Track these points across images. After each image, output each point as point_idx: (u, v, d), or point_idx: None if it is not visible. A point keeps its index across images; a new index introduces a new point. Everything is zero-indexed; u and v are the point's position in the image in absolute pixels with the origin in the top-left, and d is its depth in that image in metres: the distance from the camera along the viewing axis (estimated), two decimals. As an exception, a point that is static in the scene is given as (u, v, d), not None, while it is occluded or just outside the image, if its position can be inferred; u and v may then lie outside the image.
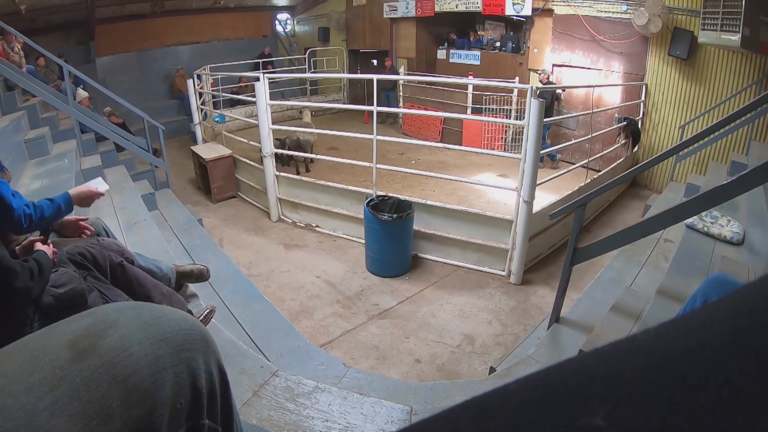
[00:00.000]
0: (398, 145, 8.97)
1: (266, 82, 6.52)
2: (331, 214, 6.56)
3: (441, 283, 5.43)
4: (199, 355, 0.69)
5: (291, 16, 17.75)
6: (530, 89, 5.01)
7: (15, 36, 7.72)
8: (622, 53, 8.79)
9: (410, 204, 5.54)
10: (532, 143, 4.96)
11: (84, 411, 0.58)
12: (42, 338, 0.70)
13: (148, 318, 0.70)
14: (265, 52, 16.08)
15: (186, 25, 15.49)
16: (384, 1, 13.49)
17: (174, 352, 0.66)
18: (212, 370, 0.71)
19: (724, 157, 7.35)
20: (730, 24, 6.32)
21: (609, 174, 7.12)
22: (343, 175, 7.49)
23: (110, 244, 2.57)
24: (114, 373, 0.61)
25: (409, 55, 13.57)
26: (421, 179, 7.85)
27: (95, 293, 2.17)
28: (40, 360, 0.62)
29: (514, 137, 9.65)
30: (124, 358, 0.62)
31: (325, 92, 15.76)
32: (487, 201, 7.22)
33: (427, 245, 5.91)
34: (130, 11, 13.91)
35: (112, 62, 14.04)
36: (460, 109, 10.68)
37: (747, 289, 0.28)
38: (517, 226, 5.26)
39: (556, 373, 0.28)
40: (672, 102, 8.28)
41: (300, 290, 5.24)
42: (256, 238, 6.66)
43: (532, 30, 10.42)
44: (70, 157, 5.76)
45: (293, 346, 3.74)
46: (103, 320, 0.67)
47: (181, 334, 0.69)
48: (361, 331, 4.51)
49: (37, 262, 1.94)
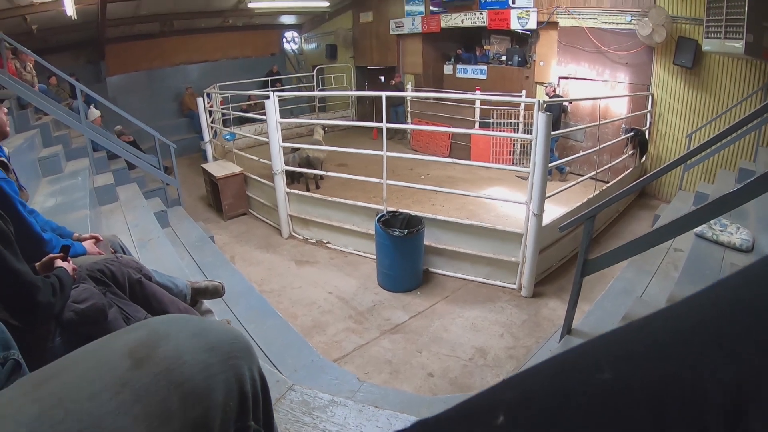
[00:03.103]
0: (407, 161, 9.02)
1: (276, 101, 6.60)
2: (342, 230, 6.60)
3: (452, 297, 5.45)
4: (243, 363, 0.75)
5: (298, 33, 17.98)
6: (537, 103, 5.04)
7: (27, 55, 7.88)
8: (628, 64, 8.82)
9: (421, 219, 5.58)
10: (540, 157, 5.00)
11: (147, 412, 0.64)
12: (99, 349, 0.76)
13: (196, 329, 0.76)
14: (273, 70, 16.27)
15: (195, 44, 15.72)
16: (390, 18, 13.68)
17: (222, 360, 0.72)
18: (255, 376, 0.77)
19: (732, 164, 7.33)
20: (733, 31, 6.35)
21: (617, 185, 7.13)
22: (353, 191, 7.55)
23: (128, 261, 2.63)
24: (171, 378, 0.67)
25: (416, 70, 13.68)
26: (430, 194, 7.89)
27: (115, 309, 2.22)
28: (101, 369, 0.68)
29: (522, 150, 9.68)
30: (178, 366, 0.68)
31: (334, 109, 15.88)
32: (497, 215, 7.26)
33: (438, 260, 5.93)
34: (139, 31, 14.15)
35: (122, 81, 14.28)
36: (468, 123, 10.72)
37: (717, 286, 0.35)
38: (527, 240, 5.28)
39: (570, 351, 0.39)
40: (678, 111, 8.30)
41: (312, 306, 5.28)
42: (268, 254, 6.71)
43: (538, 43, 10.51)
44: (83, 175, 5.82)
45: (307, 361, 3.77)
46: (156, 332, 0.73)
47: (227, 344, 0.75)
48: (374, 345, 4.53)
49: (59, 279, 1.98)
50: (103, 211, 5.76)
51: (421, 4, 12.69)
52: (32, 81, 8.13)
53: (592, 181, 6.87)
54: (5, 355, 1.20)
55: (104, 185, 6.26)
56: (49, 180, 5.70)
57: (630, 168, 8.31)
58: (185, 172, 10.52)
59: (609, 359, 0.36)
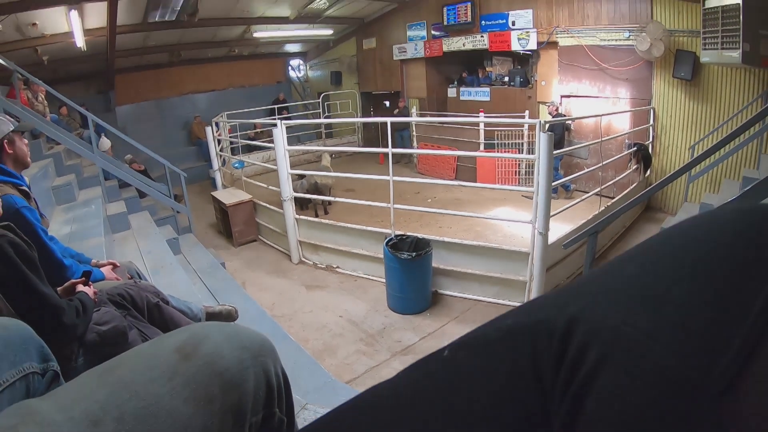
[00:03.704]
0: (414, 185, 9.12)
1: (284, 129, 6.73)
2: (351, 254, 6.68)
3: (461, 318, 5.50)
4: (269, 360, 0.90)
5: (303, 61, 18.25)
6: (539, 123, 5.12)
7: (39, 86, 8.08)
8: (628, 79, 8.92)
9: (428, 242, 5.65)
10: (544, 176, 5.06)
11: (194, 395, 0.78)
12: (151, 347, 0.92)
13: (231, 332, 0.91)
14: (279, 97, 16.47)
15: (202, 73, 15.98)
16: (393, 44, 13.90)
17: (252, 356, 0.87)
18: (279, 372, 0.93)
19: (736, 173, 7.36)
20: (730, 41, 6.41)
21: (622, 200, 7.17)
22: (361, 216, 7.63)
23: (147, 286, 2.75)
24: (213, 370, 0.82)
25: (420, 95, 13.84)
26: (437, 217, 7.96)
27: (135, 331, 2.33)
28: (156, 361, 0.83)
29: (527, 170, 9.75)
30: (218, 359, 0.83)
31: (340, 135, 16.06)
32: (504, 235, 7.32)
33: (446, 281, 5.99)
34: (148, 61, 14.43)
35: (131, 111, 14.52)
36: (472, 145, 10.84)
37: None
38: (533, 258, 5.33)
39: (541, 296, 0.56)
40: (680, 124, 8.37)
41: (323, 329, 5.34)
42: (278, 279, 6.79)
43: (539, 63, 10.61)
44: (96, 203, 5.92)
45: (320, 383, 3.83)
46: (198, 334, 0.89)
47: (257, 344, 0.90)
48: (385, 367, 4.59)
49: (81, 302, 2.08)
50: (116, 238, 5.87)
51: (423, 29, 12.91)
52: (44, 111, 8.31)
53: (597, 197, 6.93)
54: (45, 366, 1.31)
55: (117, 213, 6.38)
56: (63, 208, 5.81)
57: (635, 182, 8.35)
58: (195, 199, 10.61)
59: (512, 313, 0.56)
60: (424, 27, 12.83)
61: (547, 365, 0.47)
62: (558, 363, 0.46)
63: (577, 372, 0.44)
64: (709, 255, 0.45)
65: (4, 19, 8.13)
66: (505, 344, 0.52)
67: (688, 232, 0.50)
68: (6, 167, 2.63)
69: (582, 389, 0.43)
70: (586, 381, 0.43)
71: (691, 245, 0.48)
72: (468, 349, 0.57)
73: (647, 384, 0.40)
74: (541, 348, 0.48)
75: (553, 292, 0.55)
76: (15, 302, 1.76)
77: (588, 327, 0.45)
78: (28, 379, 1.22)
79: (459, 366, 0.56)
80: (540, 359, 0.48)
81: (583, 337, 0.45)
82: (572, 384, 0.44)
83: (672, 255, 0.48)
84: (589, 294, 0.50)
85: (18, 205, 2.42)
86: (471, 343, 0.58)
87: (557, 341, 0.47)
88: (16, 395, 1.17)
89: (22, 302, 1.78)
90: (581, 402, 0.43)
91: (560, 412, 0.44)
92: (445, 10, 11.80)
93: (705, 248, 0.46)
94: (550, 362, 0.46)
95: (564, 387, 0.45)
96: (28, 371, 1.23)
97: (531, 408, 0.47)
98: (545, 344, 0.48)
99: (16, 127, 2.75)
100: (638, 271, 0.49)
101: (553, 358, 0.46)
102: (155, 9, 10.39)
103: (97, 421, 0.73)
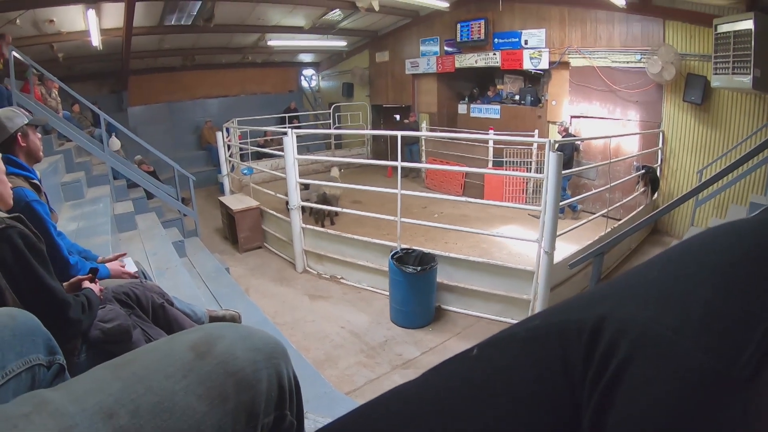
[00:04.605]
0: (421, 199, 9.11)
1: (294, 137, 6.75)
2: (356, 266, 6.66)
3: (464, 334, 5.48)
4: (282, 363, 0.90)
5: (316, 71, 18.35)
6: (548, 143, 5.13)
7: (53, 82, 8.14)
8: (638, 102, 8.93)
9: (434, 257, 5.64)
10: (552, 195, 5.06)
11: (208, 394, 0.78)
12: (166, 344, 0.92)
13: (245, 333, 0.91)
14: (291, 106, 16.50)
15: (215, 78, 16.08)
16: (406, 58, 13.97)
17: (265, 358, 0.87)
18: (290, 375, 0.92)
19: (744, 199, 7.31)
20: (741, 66, 6.43)
21: (629, 222, 7.14)
22: (368, 228, 7.64)
23: (152, 286, 2.76)
24: (227, 369, 0.82)
25: (430, 110, 13.90)
26: (443, 232, 7.91)
27: (138, 330, 2.32)
28: (171, 358, 0.83)
29: (535, 189, 9.74)
30: (233, 359, 0.83)
31: (350, 146, 16.10)
32: (509, 253, 7.30)
33: (450, 297, 5.96)
34: (162, 64, 14.59)
35: (143, 112, 14.56)
36: (481, 162, 10.83)
37: None
38: (538, 277, 5.31)
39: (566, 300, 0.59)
40: (689, 148, 8.35)
41: (325, 340, 5.32)
42: (282, 288, 6.78)
43: (550, 83, 10.66)
44: (104, 201, 5.95)
45: (319, 392, 3.80)
46: (212, 333, 0.89)
47: (269, 347, 0.90)
48: (385, 380, 4.56)
49: (87, 298, 2.08)
50: (122, 237, 5.89)
51: (436, 45, 12.98)
52: (57, 107, 8.33)
53: (604, 218, 6.91)
54: (51, 359, 1.30)
55: (124, 213, 6.43)
56: (71, 204, 5.84)
57: (642, 205, 8.34)
58: (202, 204, 10.68)
59: (540, 314, 0.60)
60: (437, 42, 12.90)
61: (576, 362, 0.50)
62: (588, 359, 0.49)
63: (607, 367, 0.47)
64: (732, 261, 0.49)
65: (22, 14, 8.23)
66: (535, 343, 0.55)
67: (710, 241, 0.53)
68: (18, 160, 2.65)
69: (612, 383, 0.46)
70: (615, 375, 0.46)
71: (714, 252, 0.51)
72: (497, 348, 0.60)
73: (675, 376, 0.43)
74: (570, 346, 0.51)
75: (577, 296, 0.58)
76: (22, 294, 1.76)
77: (617, 325, 0.49)
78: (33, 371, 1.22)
79: (488, 364, 0.59)
80: (570, 356, 0.51)
81: (613, 335, 0.48)
82: (602, 378, 0.47)
83: (696, 261, 0.52)
84: (615, 296, 0.54)
85: (29, 198, 2.43)
86: (500, 343, 0.61)
87: (587, 339, 0.50)
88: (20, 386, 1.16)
89: (28, 294, 1.77)
90: (611, 395, 0.46)
91: (590, 406, 0.48)
92: (459, 26, 11.87)
93: (728, 255, 0.50)
94: (579, 359, 0.50)
95: (594, 381, 0.48)
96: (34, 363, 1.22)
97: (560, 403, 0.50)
98: (575, 342, 0.51)
99: (30, 120, 2.77)
100: (663, 275, 0.53)
101: (583, 354, 0.50)
102: (172, 12, 10.52)
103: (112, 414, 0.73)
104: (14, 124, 2.64)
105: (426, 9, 12.33)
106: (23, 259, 1.77)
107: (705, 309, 0.46)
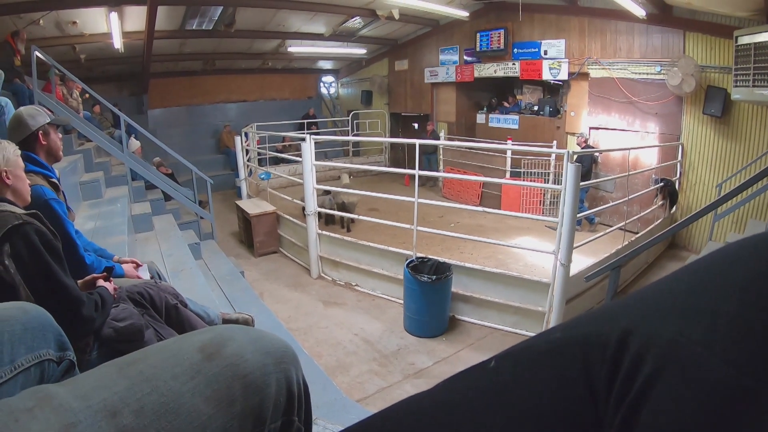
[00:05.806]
0: (438, 208, 9.09)
1: (312, 144, 6.78)
2: (371, 273, 6.65)
3: (477, 345, 5.43)
4: (292, 368, 0.88)
5: (335, 79, 18.47)
6: (567, 154, 5.08)
7: (74, 83, 8.25)
8: (658, 114, 8.85)
9: (449, 266, 5.61)
10: (569, 207, 5.01)
11: (215, 396, 0.77)
12: (175, 344, 0.90)
13: (255, 336, 0.90)
14: (309, 113, 16.58)
15: (235, 83, 16.28)
16: (425, 67, 14.01)
17: (275, 362, 0.85)
18: (300, 380, 0.90)
19: (763, 214, 7.21)
20: (762, 79, 6.35)
21: (646, 236, 7.05)
22: (384, 236, 7.62)
23: (166, 287, 2.76)
24: (236, 371, 0.80)
25: (449, 119, 13.91)
26: (460, 242, 7.88)
27: (151, 330, 2.33)
28: (179, 358, 0.82)
29: (552, 201, 9.69)
30: (242, 362, 0.82)
31: (367, 154, 16.14)
32: (525, 264, 7.25)
33: (465, 307, 5.92)
34: (182, 68, 14.81)
35: (163, 115, 14.82)
36: (499, 173, 10.81)
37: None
38: (554, 289, 5.25)
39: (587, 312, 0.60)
40: (709, 161, 8.25)
41: (337, 346, 5.31)
42: (296, 293, 6.78)
43: (569, 94, 10.64)
44: (122, 202, 5.99)
45: (330, 399, 3.79)
46: (222, 335, 0.88)
47: (280, 351, 0.88)
48: (397, 389, 4.53)
49: (101, 296, 2.10)
50: (139, 238, 5.94)
51: (455, 54, 13.00)
52: (78, 108, 8.46)
53: (621, 231, 6.84)
54: (62, 355, 1.30)
55: (141, 214, 6.45)
56: (89, 204, 5.88)
57: (660, 219, 8.24)
58: (219, 207, 10.75)
59: (560, 327, 0.58)
60: (457, 51, 12.92)
61: (600, 376, 0.49)
62: (612, 374, 0.48)
63: (633, 383, 0.46)
64: (758, 274, 0.47)
65: (45, 14, 8.37)
66: (555, 356, 0.55)
67: (735, 254, 0.52)
68: (38, 158, 2.68)
69: (638, 400, 0.45)
70: (642, 392, 0.45)
71: (740, 265, 0.50)
72: (516, 361, 0.59)
73: (705, 393, 0.42)
74: (593, 360, 0.51)
75: (598, 308, 0.58)
76: (36, 290, 1.78)
77: (642, 339, 0.48)
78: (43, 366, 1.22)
79: (507, 377, 0.58)
80: (592, 371, 0.50)
81: (638, 349, 0.47)
82: (628, 395, 0.46)
83: (722, 274, 0.50)
84: (639, 309, 0.52)
85: (47, 196, 2.46)
86: (519, 355, 0.60)
87: (611, 353, 0.49)
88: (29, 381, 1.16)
89: (43, 291, 1.79)
90: (637, 412, 0.45)
91: (614, 423, 0.47)
92: (478, 36, 11.87)
93: (754, 268, 0.48)
94: (603, 374, 0.49)
95: (619, 398, 0.47)
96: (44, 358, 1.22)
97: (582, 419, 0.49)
98: (598, 356, 0.50)
99: (52, 120, 2.80)
100: (687, 288, 0.51)
101: (607, 369, 0.49)
102: (193, 17, 10.65)
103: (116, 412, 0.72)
104: (36, 122, 2.68)
105: (446, 18, 12.35)
106: (38, 256, 1.79)
107: (733, 323, 0.45)
